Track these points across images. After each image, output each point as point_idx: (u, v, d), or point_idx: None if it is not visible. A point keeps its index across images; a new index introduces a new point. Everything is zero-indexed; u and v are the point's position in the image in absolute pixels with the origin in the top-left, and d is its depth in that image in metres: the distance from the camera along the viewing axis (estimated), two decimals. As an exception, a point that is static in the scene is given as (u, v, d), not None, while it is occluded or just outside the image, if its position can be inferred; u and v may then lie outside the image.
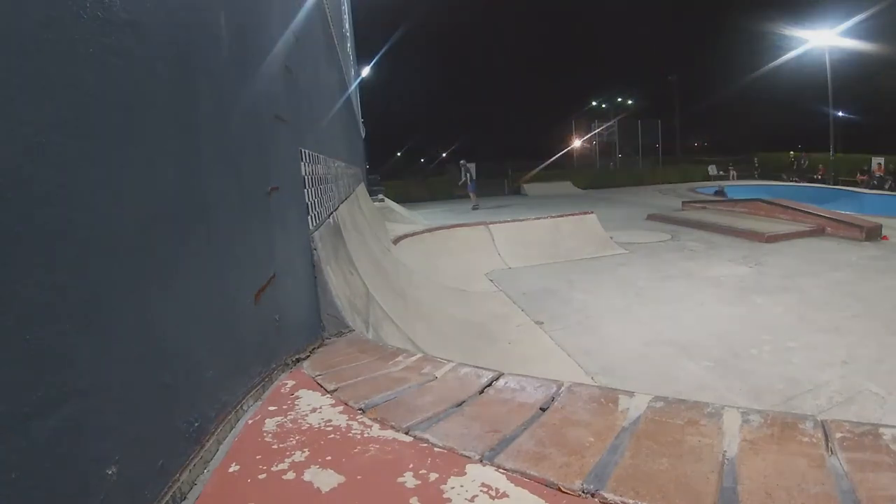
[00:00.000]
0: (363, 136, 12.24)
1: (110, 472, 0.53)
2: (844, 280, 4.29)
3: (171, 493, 0.63)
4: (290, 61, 1.64)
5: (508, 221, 6.42)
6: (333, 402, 0.94)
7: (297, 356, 1.26)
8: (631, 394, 0.86)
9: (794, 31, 16.65)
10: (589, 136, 25.81)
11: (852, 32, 15.35)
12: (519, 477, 0.64)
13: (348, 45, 8.30)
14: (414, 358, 1.22)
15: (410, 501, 0.61)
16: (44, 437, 0.45)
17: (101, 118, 0.58)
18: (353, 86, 8.35)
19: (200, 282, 0.80)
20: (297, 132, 1.68)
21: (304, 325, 1.41)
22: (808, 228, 6.57)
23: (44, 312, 0.47)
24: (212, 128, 0.91)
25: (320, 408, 0.92)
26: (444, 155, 28.88)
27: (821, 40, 15.57)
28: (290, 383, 1.07)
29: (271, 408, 0.93)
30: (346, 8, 8.11)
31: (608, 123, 25.15)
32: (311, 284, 1.57)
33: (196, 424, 0.73)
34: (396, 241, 4.94)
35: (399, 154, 32.15)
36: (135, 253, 0.63)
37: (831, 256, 5.27)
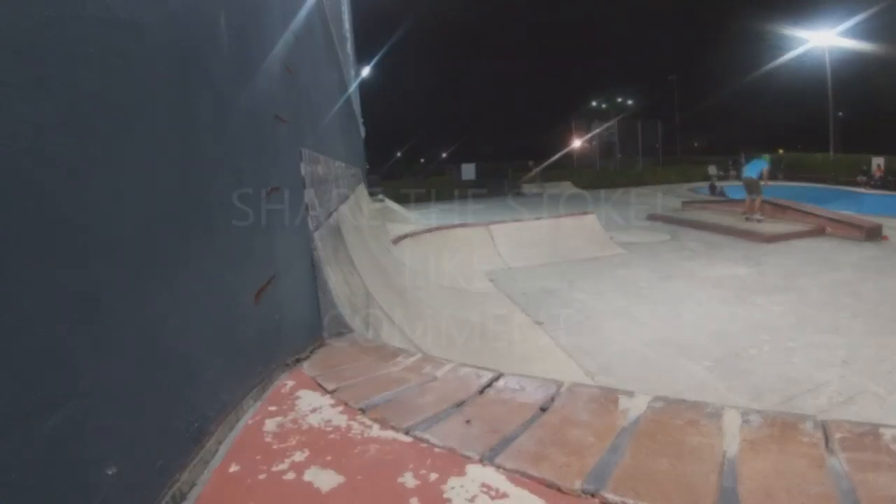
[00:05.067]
0: (363, 136, 12.24)
1: (110, 473, 0.53)
2: (844, 280, 4.29)
3: (171, 493, 0.63)
4: (290, 61, 1.64)
5: (508, 222, 6.42)
6: (334, 402, 0.94)
7: (297, 356, 1.26)
8: (631, 394, 0.86)
9: (793, 31, 16.65)
10: (589, 136, 25.80)
11: (852, 32, 15.36)
12: (519, 477, 0.64)
13: (348, 45, 8.30)
14: (414, 358, 1.22)
15: (410, 502, 0.61)
16: (44, 437, 0.45)
17: (101, 118, 0.58)
18: (353, 86, 8.35)
19: (200, 282, 0.80)
20: (297, 132, 1.68)
21: (304, 325, 1.41)
22: (808, 228, 6.58)
23: (43, 312, 0.47)
24: (212, 128, 0.91)
25: (320, 408, 0.92)
26: (444, 155, 28.90)
27: (821, 40, 15.57)
28: (290, 383, 1.07)
29: (271, 408, 0.93)
30: (345, 8, 8.11)
31: (608, 123, 25.15)
32: (311, 284, 1.57)
33: (196, 424, 0.73)
34: (396, 241, 4.94)
35: (399, 154, 32.17)
36: (134, 253, 0.63)
37: (831, 256, 5.27)
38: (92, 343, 0.53)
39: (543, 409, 0.84)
